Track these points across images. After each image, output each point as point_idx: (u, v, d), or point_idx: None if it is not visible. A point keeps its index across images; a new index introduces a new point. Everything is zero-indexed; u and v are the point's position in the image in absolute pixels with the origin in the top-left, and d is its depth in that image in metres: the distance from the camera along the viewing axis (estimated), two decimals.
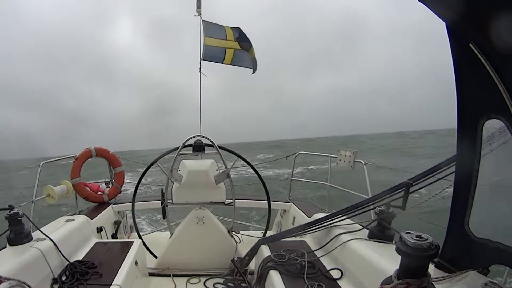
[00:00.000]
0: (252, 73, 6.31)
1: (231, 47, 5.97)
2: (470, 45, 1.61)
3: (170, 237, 4.64)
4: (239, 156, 4.85)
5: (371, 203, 3.34)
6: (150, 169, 4.69)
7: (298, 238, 4.04)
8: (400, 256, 1.72)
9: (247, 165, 4.92)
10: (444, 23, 1.71)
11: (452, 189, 2.18)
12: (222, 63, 6.08)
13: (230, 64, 6.15)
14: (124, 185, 5.83)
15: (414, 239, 1.62)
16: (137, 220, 4.96)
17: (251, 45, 6.13)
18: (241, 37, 6.04)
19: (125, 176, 5.88)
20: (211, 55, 5.85)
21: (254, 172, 4.84)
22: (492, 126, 1.74)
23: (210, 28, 5.77)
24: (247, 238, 4.60)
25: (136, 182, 4.83)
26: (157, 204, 5.09)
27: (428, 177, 2.81)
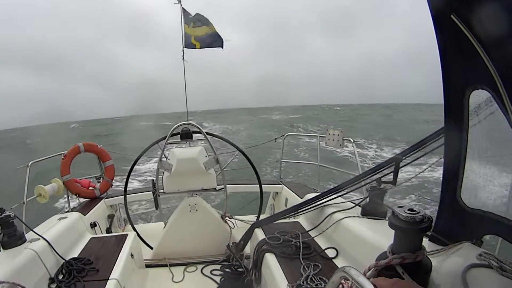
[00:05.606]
0: (223, 49, 5.99)
1: (191, 34, 5.87)
2: (452, 16, 1.58)
3: (164, 227, 4.63)
4: (227, 141, 4.81)
5: (361, 180, 3.34)
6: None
7: (291, 220, 4.06)
8: (393, 232, 1.73)
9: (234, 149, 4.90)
10: None
11: (441, 161, 2.18)
12: (195, 48, 5.96)
13: (201, 48, 6.01)
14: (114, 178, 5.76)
15: (407, 213, 1.62)
16: (130, 212, 4.92)
17: (208, 23, 5.89)
18: (196, 20, 5.90)
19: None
20: (188, 42, 5.78)
21: (244, 156, 4.82)
22: (479, 96, 1.73)
23: (187, 16, 5.69)
24: (241, 223, 4.62)
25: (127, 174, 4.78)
26: (149, 195, 5.06)
27: (416, 150, 2.82)
